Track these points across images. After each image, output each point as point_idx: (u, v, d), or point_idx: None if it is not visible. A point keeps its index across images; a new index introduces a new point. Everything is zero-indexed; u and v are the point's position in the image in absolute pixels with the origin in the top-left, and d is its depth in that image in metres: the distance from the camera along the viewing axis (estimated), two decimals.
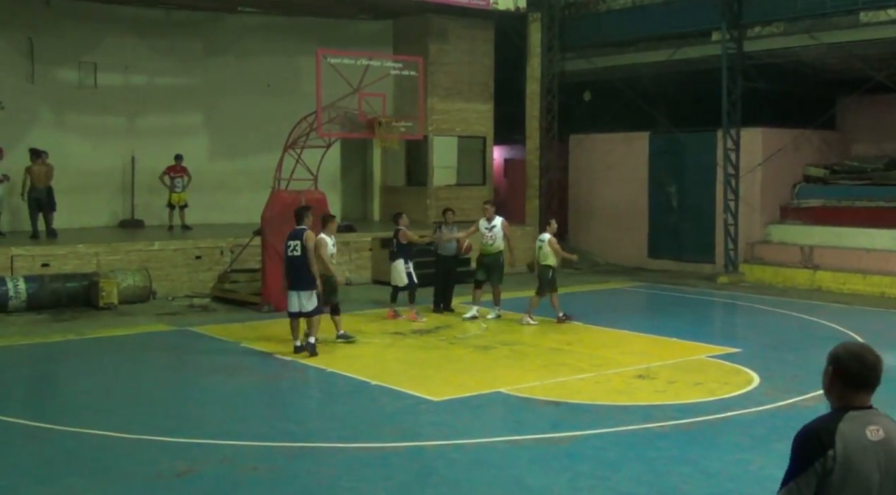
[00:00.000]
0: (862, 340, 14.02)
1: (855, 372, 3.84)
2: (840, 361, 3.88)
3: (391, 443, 9.44)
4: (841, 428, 3.74)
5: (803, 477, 3.73)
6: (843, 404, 3.86)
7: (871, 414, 3.84)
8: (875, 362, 3.86)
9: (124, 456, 8.98)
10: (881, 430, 3.79)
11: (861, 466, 3.70)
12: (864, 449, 3.71)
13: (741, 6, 22.19)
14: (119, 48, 22.79)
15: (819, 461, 3.70)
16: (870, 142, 25.11)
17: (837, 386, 3.89)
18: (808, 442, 3.79)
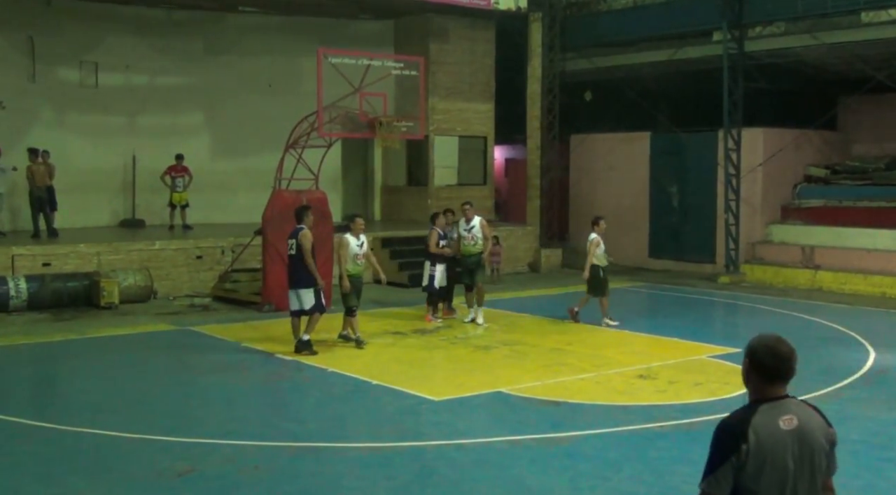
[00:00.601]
0: (861, 340, 14.05)
1: (769, 365, 4.02)
2: (756, 354, 4.06)
3: (392, 443, 9.45)
4: (754, 422, 3.92)
5: (721, 470, 3.91)
6: (759, 395, 4.06)
7: (784, 404, 4.01)
8: (789, 354, 4.02)
9: (125, 456, 8.99)
10: (794, 419, 3.97)
11: (775, 455, 3.88)
12: (777, 440, 3.90)
13: (742, 6, 22.18)
14: (120, 48, 22.80)
15: (735, 454, 3.87)
16: (871, 143, 25.11)
17: (753, 379, 4.09)
18: (724, 437, 3.96)
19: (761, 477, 3.89)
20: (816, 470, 4.01)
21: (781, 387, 4.07)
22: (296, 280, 13.51)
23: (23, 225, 20.48)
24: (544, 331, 15.69)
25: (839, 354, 13.96)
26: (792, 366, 4.05)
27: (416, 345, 14.56)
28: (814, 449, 4.00)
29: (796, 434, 3.96)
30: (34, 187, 19.82)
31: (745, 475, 3.89)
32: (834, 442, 4.12)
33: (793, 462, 3.93)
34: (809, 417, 4.05)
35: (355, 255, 14.00)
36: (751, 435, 3.90)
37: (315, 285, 13.45)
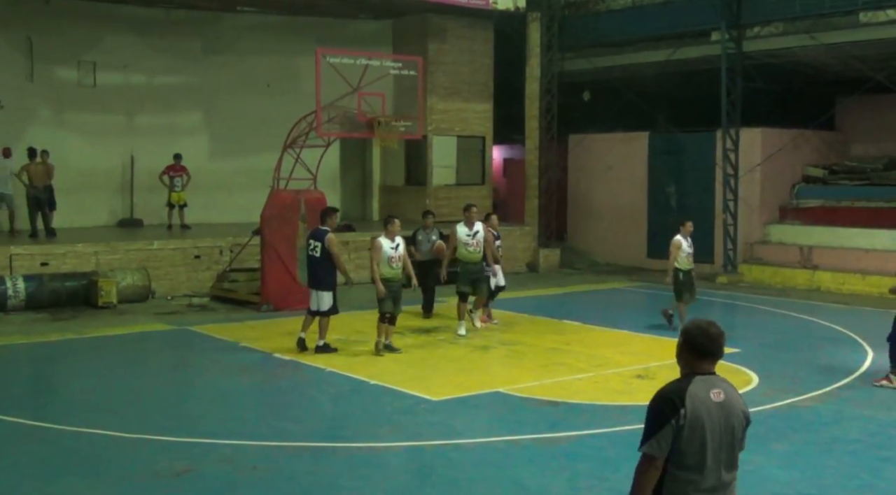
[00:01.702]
0: (859, 341, 14.05)
1: (700, 344, 4.52)
2: (689, 334, 4.57)
3: (390, 443, 9.46)
4: (690, 391, 4.41)
5: (661, 433, 4.36)
6: (690, 370, 4.54)
7: (714, 380, 4.54)
8: (718, 335, 4.54)
9: (123, 456, 8.99)
10: (722, 393, 4.50)
11: (705, 422, 4.37)
12: (708, 408, 4.40)
13: (740, 6, 22.19)
14: (118, 47, 22.78)
15: (674, 418, 4.34)
16: (869, 143, 25.13)
17: (685, 356, 4.57)
18: (665, 404, 4.41)
19: (693, 441, 4.34)
20: (736, 440, 4.52)
21: (711, 364, 4.55)
22: (317, 281, 13.61)
23: (21, 224, 20.44)
24: (542, 331, 15.69)
25: (837, 354, 13.97)
26: (721, 345, 4.55)
27: (415, 344, 14.56)
28: (735, 422, 4.51)
29: (723, 406, 4.46)
30: (31, 187, 19.81)
31: (681, 438, 4.33)
32: (749, 420, 4.64)
33: (719, 430, 4.41)
34: (733, 394, 4.58)
35: (389, 258, 13.48)
36: (688, 401, 4.37)
37: (333, 289, 13.54)
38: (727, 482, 4.51)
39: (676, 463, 4.38)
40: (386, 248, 13.45)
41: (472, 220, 15.42)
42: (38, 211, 19.98)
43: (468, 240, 15.28)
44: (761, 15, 22.21)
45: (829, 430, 10.08)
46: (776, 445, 9.44)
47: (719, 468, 4.46)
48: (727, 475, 4.50)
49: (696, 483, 4.40)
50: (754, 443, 9.40)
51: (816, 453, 9.21)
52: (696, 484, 4.40)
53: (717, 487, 4.44)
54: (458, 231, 15.33)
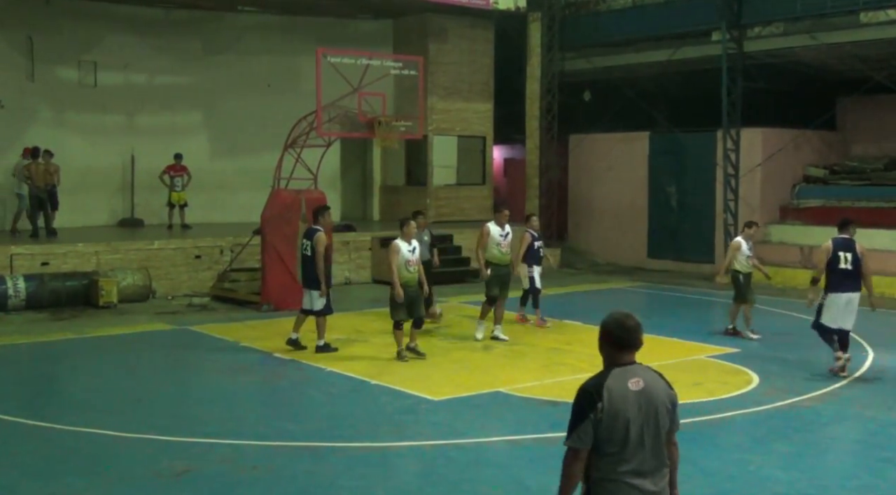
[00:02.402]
0: (860, 340, 14.02)
1: (618, 336, 4.76)
2: (607, 326, 4.81)
3: (391, 443, 9.45)
4: (607, 384, 4.66)
5: (583, 426, 4.63)
6: (610, 362, 4.78)
7: (632, 369, 4.74)
8: (634, 327, 4.77)
9: (123, 455, 8.99)
10: (641, 381, 4.70)
11: (625, 411, 4.61)
12: (626, 398, 4.63)
13: (741, 6, 22.18)
14: (119, 47, 22.79)
15: (592, 412, 4.61)
16: (870, 143, 25.11)
17: (606, 348, 4.81)
18: (584, 399, 4.70)
19: (614, 429, 4.60)
20: (660, 424, 4.70)
21: (630, 355, 4.77)
22: (310, 280, 13.60)
23: (22, 224, 20.44)
24: (543, 331, 15.67)
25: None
26: (637, 336, 4.76)
27: None
28: (657, 407, 4.69)
29: (642, 393, 4.67)
30: (33, 187, 19.81)
31: (602, 428, 4.60)
32: (675, 402, 4.82)
33: (639, 416, 4.63)
34: (654, 380, 4.76)
35: (406, 261, 12.99)
36: (605, 394, 4.63)
37: (320, 288, 13.48)
38: (654, 467, 4.69)
39: (601, 451, 4.64)
40: (403, 251, 13.01)
41: (505, 221, 14.87)
42: (40, 210, 19.98)
43: (501, 241, 14.69)
44: (762, 15, 22.20)
45: (830, 430, 10.08)
46: (777, 445, 9.44)
47: (643, 453, 4.66)
48: (654, 459, 4.69)
49: (621, 468, 4.63)
50: (755, 444, 9.44)
51: (817, 453, 9.21)
52: (621, 469, 4.62)
53: (641, 471, 4.65)
54: (492, 230, 14.72)
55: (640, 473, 4.64)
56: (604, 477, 4.65)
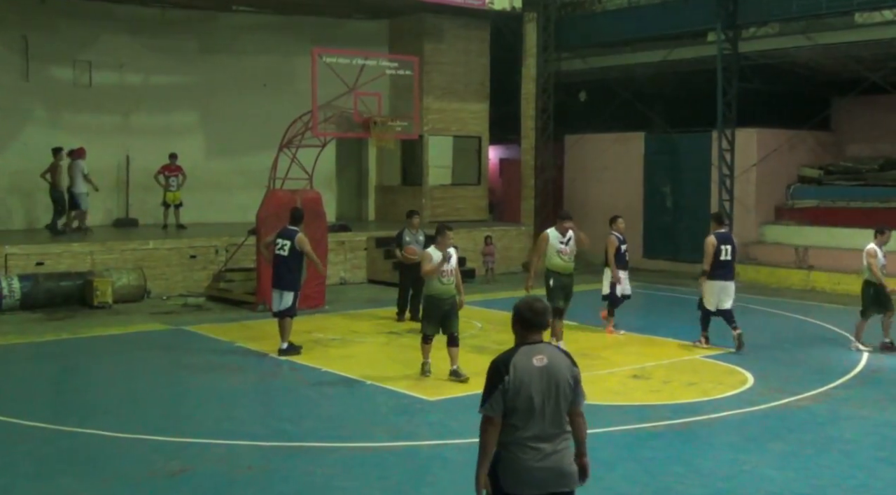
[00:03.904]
0: (854, 340, 14.03)
1: (527, 317, 5.40)
2: (518, 309, 5.45)
3: (386, 443, 9.45)
4: (514, 359, 5.30)
5: (494, 396, 5.27)
6: (520, 340, 5.42)
7: (538, 347, 5.39)
8: (541, 310, 5.43)
9: (118, 456, 8.98)
10: (545, 358, 5.35)
11: (529, 384, 5.25)
12: (530, 373, 5.27)
13: (736, 7, 22.19)
14: (114, 46, 22.75)
15: (501, 384, 5.24)
16: (864, 143, 25.16)
17: (517, 328, 5.44)
18: (494, 371, 5.32)
19: (518, 399, 5.23)
20: (562, 396, 5.34)
21: (537, 334, 5.43)
22: (281, 280, 13.62)
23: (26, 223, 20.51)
24: None
25: (833, 354, 13.99)
26: (543, 319, 5.42)
27: (411, 344, 14.54)
28: (559, 381, 5.33)
29: (545, 369, 5.31)
30: (53, 186, 20.03)
31: (509, 398, 5.23)
32: (577, 378, 5.45)
33: (542, 389, 5.28)
34: (558, 358, 5.44)
35: (443, 272, 11.95)
36: (511, 368, 5.26)
37: (296, 290, 13.48)
38: (554, 433, 5.32)
39: (508, 419, 5.27)
40: (436, 260, 11.93)
41: (566, 228, 13.81)
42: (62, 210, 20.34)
43: (562, 247, 13.67)
44: (757, 15, 22.21)
45: (825, 430, 10.09)
46: (772, 445, 9.45)
47: (544, 421, 5.29)
48: (553, 427, 5.32)
49: (525, 433, 5.27)
50: (750, 443, 9.44)
51: (812, 453, 9.21)
52: (525, 434, 5.27)
53: (542, 436, 5.29)
54: (550, 237, 13.71)
55: (541, 438, 5.28)
56: (510, 441, 5.28)
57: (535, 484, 5.28)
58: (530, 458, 5.26)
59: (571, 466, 5.42)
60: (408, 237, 16.15)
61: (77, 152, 20.56)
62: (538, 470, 5.26)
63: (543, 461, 5.27)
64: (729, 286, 14.37)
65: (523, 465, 5.26)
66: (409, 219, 16.53)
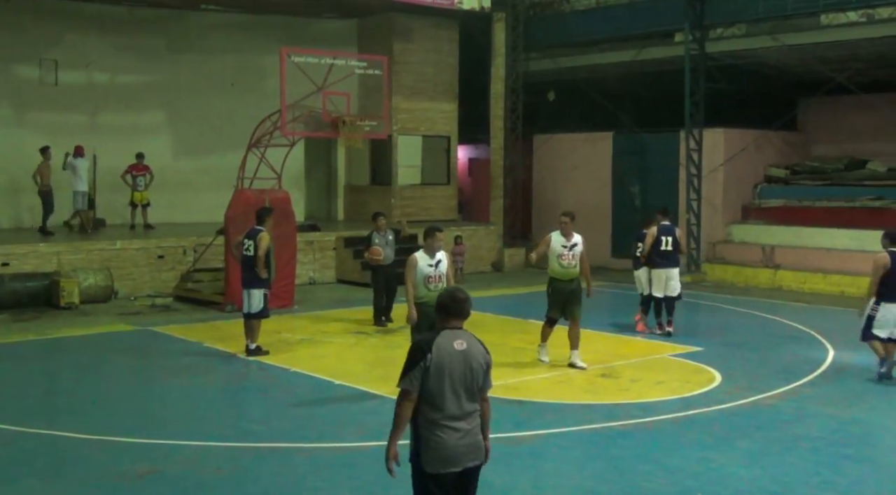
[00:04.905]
0: (820, 339, 14.15)
1: (449, 306, 5.83)
2: (441, 298, 5.90)
3: (355, 443, 9.43)
4: (437, 341, 5.69)
5: (413, 372, 5.63)
6: (443, 326, 5.81)
7: (458, 333, 5.80)
8: (463, 300, 5.85)
9: (85, 458, 8.91)
10: (464, 343, 5.75)
11: (449, 365, 5.64)
12: (450, 355, 5.66)
13: (704, 7, 22.34)
14: (81, 45, 22.57)
15: (422, 361, 5.62)
16: (830, 143, 25.40)
17: (440, 314, 5.86)
18: (417, 350, 5.71)
19: (437, 379, 5.61)
20: (475, 380, 5.74)
21: (458, 321, 5.82)
22: (248, 280, 13.54)
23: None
24: (508, 331, 15.73)
25: (799, 352, 14.11)
26: (464, 307, 5.84)
27: (380, 344, 14.55)
28: (474, 366, 5.73)
29: (464, 353, 5.71)
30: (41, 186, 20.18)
31: (428, 376, 5.60)
32: (489, 364, 5.85)
33: (459, 371, 5.67)
34: (475, 345, 5.82)
35: (427, 278, 11.00)
36: (434, 348, 5.64)
37: (265, 287, 13.42)
38: (468, 411, 5.71)
39: (425, 397, 5.62)
40: (422, 266, 11.04)
41: (569, 231, 13.12)
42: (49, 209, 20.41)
43: (563, 252, 12.92)
44: (725, 16, 22.37)
45: (792, 428, 10.17)
46: (739, 443, 9.52)
47: (459, 400, 5.67)
48: (468, 405, 5.72)
49: (441, 411, 5.63)
50: (718, 441, 9.51)
51: (779, 450, 9.29)
52: (441, 412, 5.63)
53: (457, 415, 5.67)
54: (553, 240, 13.07)
55: (456, 417, 5.66)
56: (428, 420, 5.64)
57: (454, 461, 5.67)
58: (451, 438, 5.64)
59: (482, 442, 5.85)
60: (377, 239, 16.13)
61: (78, 150, 20.62)
62: (457, 447, 5.66)
63: (463, 439, 5.68)
64: (673, 273, 15.38)
65: (446, 445, 5.63)
66: (374, 222, 16.47)
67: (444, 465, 5.65)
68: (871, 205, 21.99)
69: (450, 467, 5.66)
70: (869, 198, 22.26)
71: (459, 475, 5.72)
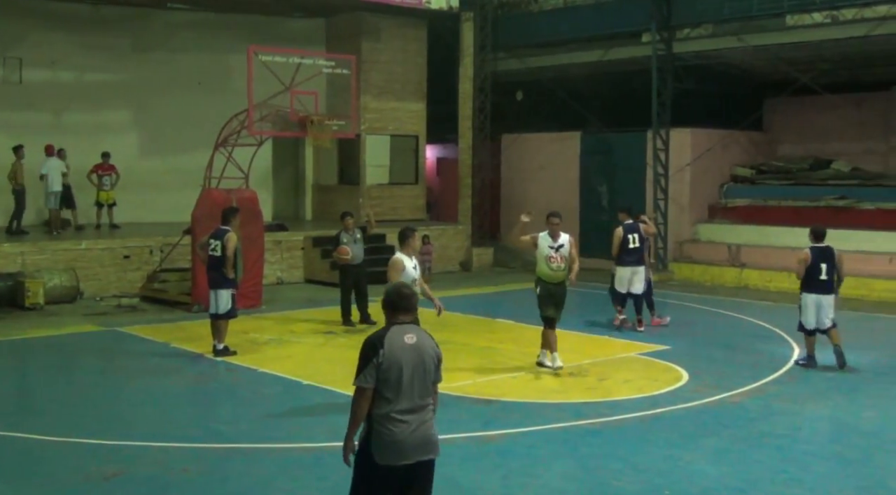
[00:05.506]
0: (786, 337, 14.25)
1: (396, 300, 5.95)
2: (389, 294, 6.02)
3: (324, 443, 9.39)
4: (387, 336, 5.77)
5: (368, 369, 5.71)
6: (392, 321, 5.90)
7: (408, 327, 5.88)
8: (409, 295, 6.00)
9: (51, 460, 8.84)
10: (414, 337, 5.83)
11: (400, 359, 5.72)
12: (402, 349, 5.75)
13: (671, 8, 22.48)
14: (46, 43, 22.37)
15: (376, 358, 5.70)
16: (795, 143, 25.64)
17: (388, 310, 5.96)
18: (369, 346, 5.77)
19: (391, 373, 5.70)
20: (427, 373, 5.83)
21: (406, 316, 5.92)
22: (215, 280, 13.49)
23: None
24: (476, 330, 15.73)
25: (765, 351, 14.22)
26: (411, 302, 5.96)
27: (348, 344, 14.50)
28: (425, 359, 5.82)
29: (414, 347, 5.80)
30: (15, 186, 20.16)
31: (382, 371, 5.69)
32: (440, 358, 5.95)
33: (411, 364, 5.75)
34: (425, 338, 5.90)
35: (412, 281, 10.70)
36: (385, 344, 5.73)
37: (232, 287, 13.37)
38: (421, 405, 5.80)
39: (380, 391, 5.72)
40: (408, 268, 10.89)
41: (557, 232, 12.75)
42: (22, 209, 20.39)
43: (551, 254, 12.60)
44: (691, 17, 22.52)
45: (757, 425, 10.26)
46: (706, 440, 9.59)
47: (412, 394, 5.76)
48: (420, 400, 5.80)
49: (393, 405, 5.72)
50: (685, 439, 9.56)
51: (745, 448, 9.36)
52: (393, 406, 5.71)
53: (412, 409, 5.76)
54: (541, 242, 12.70)
55: (408, 410, 5.74)
56: (381, 413, 5.73)
57: (405, 453, 5.75)
58: (400, 431, 5.72)
59: (436, 435, 5.92)
60: (345, 238, 16.08)
61: (49, 149, 20.65)
62: (408, 440, 5.73)
63: (413, 433, 5.75)
64: (639, 270, 15.84)
65: (395, 438, 5.72)
66: (342, 221, 16.43)
67: (396, 458, 5.73)
68: (835, 204, 22.22)
69: (401, 460, 5.74)
70: (833, 197, 22.48)
71: (410, 468, 5.78)
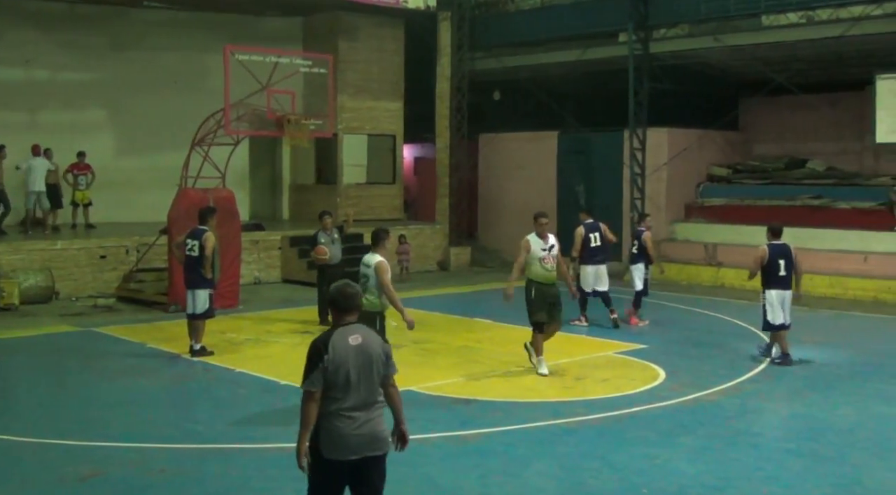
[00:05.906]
0: (762, 336, 14.32)
1: (339, 302, 5.94)
2: (332, 295, 5.97)
3: None
4: (332, 339, 5.82)
5: (314, 373, 5.76)
6: (337, 322, 5.93)
7: (353, 328, 5.92)
8: (352, 294, 5.95)
9: (26, 461, 8.80)
10: (360, 337, 5.88)
11: (346, 361, 5.78)
12: (346, 350, 5.80)
13: (647, 8, 22.56)
14: (20, 42, 22.21)
15: (321, 362, 5.75)
16: (771, 143, 25.79)
17: (333, 311, 5.96)
18: (314, 351, 5.81)
19: (337, 375, 5.76)
20: (375, 371, 5.90)
21: (350, 316, 5.93)
22: (192, 280, 13.43)
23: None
24: (454, 330, 15.74)
25: (741, 349, 14.27)
26: (354, 302, 5.95)
27: None
28: (372, 357, 5.88)
29: (360, 347, 5.85)
30: None
31: (328, 374, 5.74)
32: (388, 353, 6.02)
33: (358, 364, 5.81)
34: (371, 337, 5.97)
35: None
36: (330, 347, 5.78)
37: (210, 287, 13.33)
38: (369, 402, 5.88)
39: (328, 392, 5.78)
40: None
41: (546, 232, 12.70)
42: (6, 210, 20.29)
43: (543, 255, 12.39)
44: (668, 17, 22.61)
45: (734, 424, 10.31)
46: (683, 439, 9.62)
47: (359, 392, 5.83)
48: (369, 397, 5.88)
49: (343, 405, 5.78)
50: (662, 438, 9.60)
51: (722, 446, 9.40)
52: (342, 405, 5.78)
53: (359, 406, 5.83)
54: (532, 244, 12.54)
55: (356, 408, 5.82)
56: (329, 412, 5.78)
57: (351, 449, 5.80)
58: (347, 426, 5.79)
59: (384, 432, 5.98)
60: (322, 238, 16.03)
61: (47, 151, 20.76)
62: (354, 436, 5.80)
63: (359, 429, 5.82)
64: (601, 269, 16.65)
65: (341, 433, 5.78)
66: (320, 220, 16.38)
67: (342, 453, 5.79)
68: (810, 203, 22.37)
69: (348, 455, 5.80)
70: (808, 196, 22.64)
71: (358, 463, 5.84)
